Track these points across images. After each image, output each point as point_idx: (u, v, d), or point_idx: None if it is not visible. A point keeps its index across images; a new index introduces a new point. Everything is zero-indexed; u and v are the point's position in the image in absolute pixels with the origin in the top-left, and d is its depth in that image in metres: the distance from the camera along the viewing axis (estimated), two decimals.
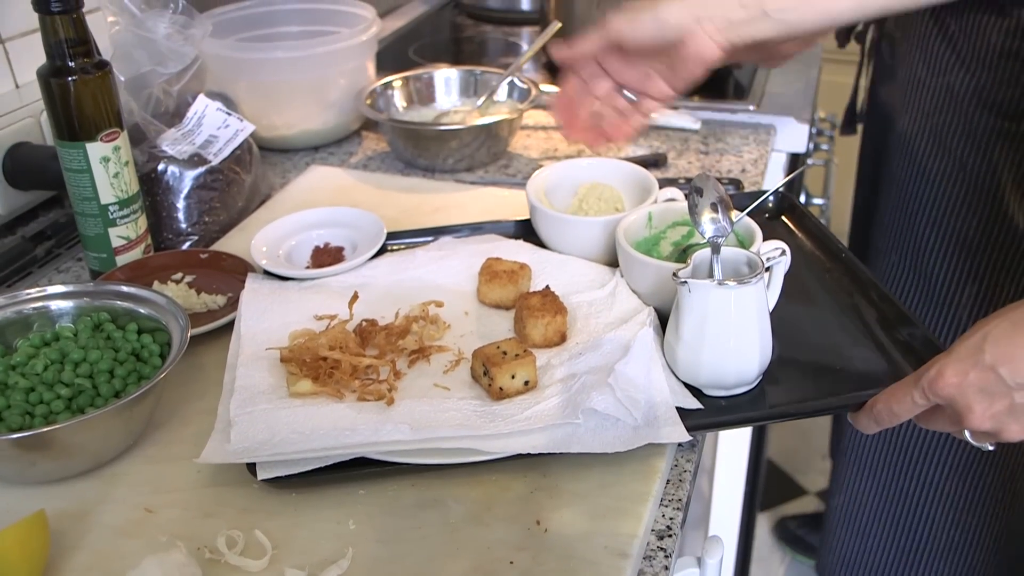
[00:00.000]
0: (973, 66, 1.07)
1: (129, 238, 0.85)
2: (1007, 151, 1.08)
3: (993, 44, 1.05)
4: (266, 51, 1.10)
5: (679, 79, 0.85)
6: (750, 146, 1.16)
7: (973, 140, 1.10)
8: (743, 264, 0.70)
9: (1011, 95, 1.05)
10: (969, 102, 1.09)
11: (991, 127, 1.08)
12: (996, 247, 1.13)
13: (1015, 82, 1.05)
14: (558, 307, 0.73)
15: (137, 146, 0.91)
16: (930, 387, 0.60)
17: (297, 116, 1.13)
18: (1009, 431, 0.59)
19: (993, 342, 0.58)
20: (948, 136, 1.12)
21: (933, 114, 1.13)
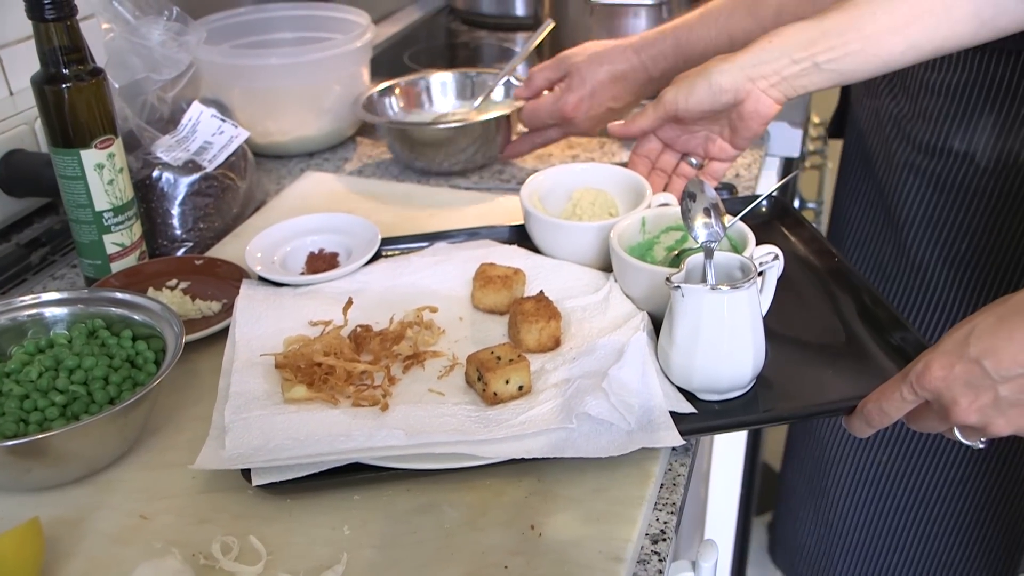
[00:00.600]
0: (898, 94, 1.08)
1: (124, 245, 0.85)
2: (919, 185, 1.08)
3: (915, 74, 1.05)
4: (260, 58, 1.10)
5: (740, 138, 0.86)
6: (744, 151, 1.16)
7: (890, 167, 1.10)
8: (736, 269, 0.70)
9: (925, 129, 1.05)
10: (890, 130, 1.09)
11: (906, 158, 1.08)
12: (905, 281, 1.13)
13: (930, 117, 1.05)
14: (552, 312, 0.74)
15: (132, 153, 0.91)
16: (917, 381, 0.60)
17: (292, 122, 1.13)
18: (995, 425, 0.60)
19: (978, 336, 0.58)
20: (873, 159, 1.13)
21: (866, 134, 1.14)
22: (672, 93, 0.84)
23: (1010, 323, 0.58)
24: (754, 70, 0.80)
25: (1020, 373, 0.57)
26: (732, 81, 0.80)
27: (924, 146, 1.07)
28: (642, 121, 0.88)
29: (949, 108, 1.05)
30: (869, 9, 0.76)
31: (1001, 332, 0.58)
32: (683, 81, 0.84)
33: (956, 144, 1.05)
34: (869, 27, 0.76)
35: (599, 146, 1.18)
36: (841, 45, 0.76)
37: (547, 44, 1.37)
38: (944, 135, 1.06)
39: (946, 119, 1.05)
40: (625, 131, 0.90)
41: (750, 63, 0.80)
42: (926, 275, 1.12)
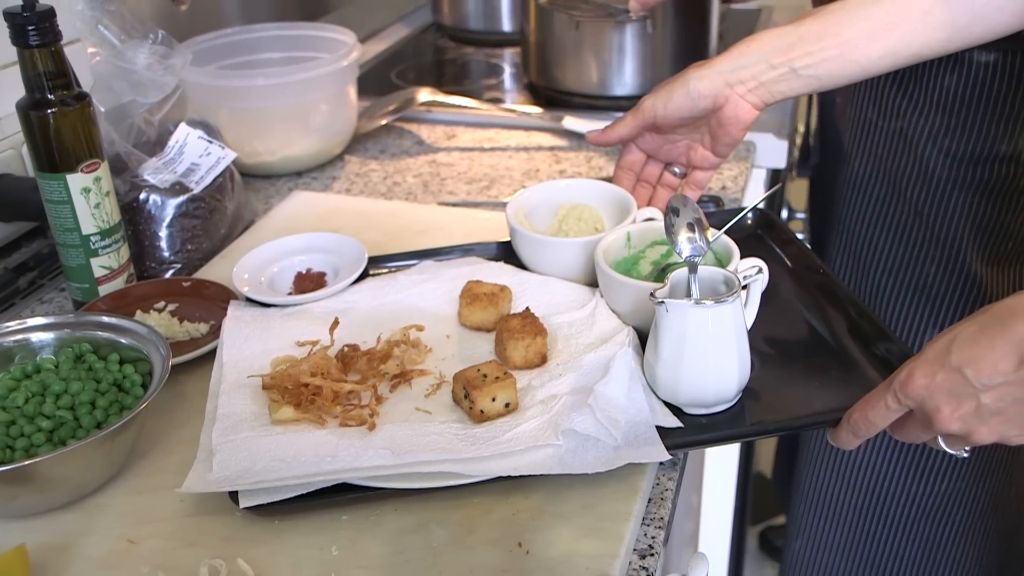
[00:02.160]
0: (927, 111, 1.08)
1: (111, 268, 0.85)
2: (964, 198, 1.08)
3: (947, 88, 1.06)
4: (247, 78, 1.10)
5: (721, 145, 0.86)
6: (730, 163, 1.17)
7: (929, 186, 1.10)
8: (720, 283, 0.71)
9: (967, 141, 1.06)
10: (924, 147, 1.09)
11: (948, 173, 1.09)
12: (956, 295, 1.13)
13: (971, 128, 1.06)
14: (538, 329, 0.74)
15: (118, 176, 0.91)
16: (901, 389, 0.61)
17: (279, 142, 1.14)
18: (978, 433, 0.60)
19: (959, 345, 0.59)
20: (903, 181, 1.13)
21: (887, 158, 1.14)
22: (650, 100, 0.85)
23: (991, 331, 0.58)
24: (732, 75, 0.80)
25: (1001, 381, 0.58)
26: (710, 87, 0.81)
27: (968, 157, 1.08)
28: (620, 129, 0.88)
29: (992, 115, 1.06)
30: (847, 16, 0.77)
31: (982, 340, 0.58)
32: (661, 88, 0.84)
33: (1003, 149, 1.06)
34: (847, 33, 0.76)
35: (586, 160, 1.19)
36: (819, 51, 0.77)
37: (533, 61, 1.38)
38: (990, 143, 1.07)
39: (990, 126, 1.06)
40: (604, 139, 0.90)
41: (728, 68, 0.80)
42: (977, 285, 1.13)
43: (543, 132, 1.26)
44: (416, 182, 1.15)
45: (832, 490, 1.29)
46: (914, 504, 1.22)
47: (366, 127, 1.25)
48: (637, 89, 1.30)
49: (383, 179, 1.16)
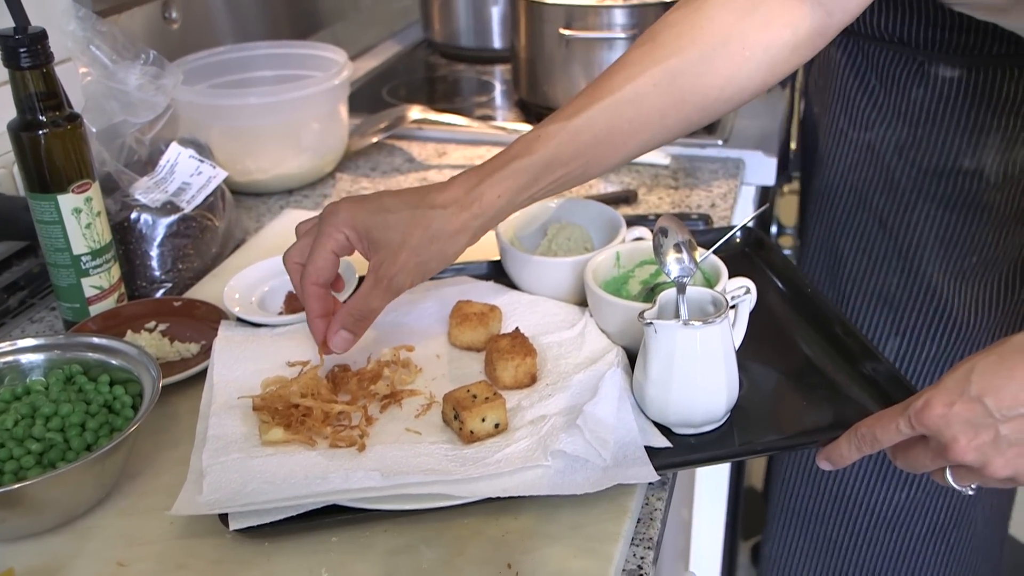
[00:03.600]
0: (895, 122, 1.10)
1: (102, 287, 0.86)
2: (928, 210, 1.10)
3: (914, 101, 1.07)
4: (238, 97, 1.11)
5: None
6: (720, 180, 1.18)
7: (894, 197, 1.12)
8: (708, 303, 0.71)
9: (932, 153, 1.07)
10: (891, 158, 1.11)
11: (912, 185, 1.10)
12: (917, 306, 1.15)
13: (936, 141, 1.07)
14: (528, 349, 0.74)
15: (110, 195, 0.91)
16: (916, 416, 0.60)
17: (271, 160, 1.14)
18: (993, 464, 0.59)
19: (979, 374, 0.59)
20: (869, 191, 1.14)
21: (855, 168, 1.15)
22: (393, 286, 0.73)
23: (1011, 361, 0.58)
24: (483, 228, 0.74)
25: (1021, 413, 0.57)
26: (466, 241, 0.74)
27: (932, 170, 1.09)
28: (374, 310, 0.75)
29: (957, 129, 1.07)
30: (591, 133, 0.74)
31: (1002, 371, 0.58)
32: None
33: (966, 163, 1.08)
34: (592, 152, 0.75)
35: None
36: (564, 174, 0.75)
37: (524, 77, 1.39)
38: (953, 156, 1.08)
39: (955, 140, 1.08)
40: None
41: (479, 224, 0.74)
42: (937, 296, 1.14)
43: None
44: None
45: (800, 497, 1.30)
46: (876, 513, 1.23)
47: (357, 145, 1.26)
48: None
49: None
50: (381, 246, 0.72)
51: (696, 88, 0.75)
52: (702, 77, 0.75)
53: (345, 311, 0.74)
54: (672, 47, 0.75)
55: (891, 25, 1.08)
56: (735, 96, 0.76)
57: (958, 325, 1.15)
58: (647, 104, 0.75)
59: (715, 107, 0.77)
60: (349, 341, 0.74)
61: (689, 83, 0.75)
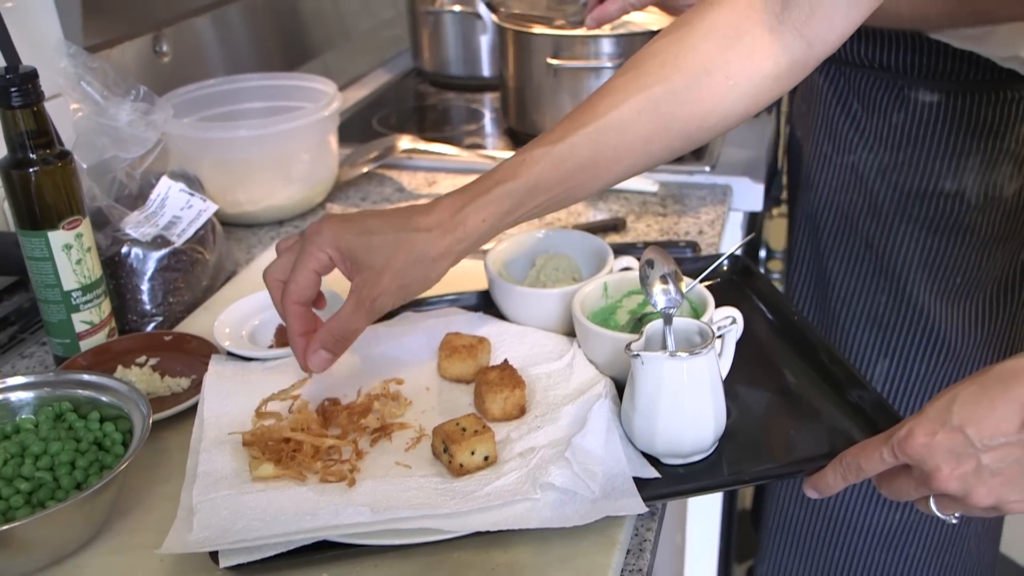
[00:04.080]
0: (876, 146, 1.11)
1: (92, 323, 0.86)
2: (912, 231, 1.11)
3: (895, 125, 1.09)
4: (228, 130, 1.12)
5: None
6: (707, 207, 1.19)
7: (879, 219, 1.13)
8: (695, 334, 0.72)
9: (914, 176, 1.09)
10: (874, 181, 1.12)
11: (896, 207, 1.12)
12: (905, 326, 1.16)
13: (917, 164, 1.09)
14: (516, 381, 0.75)
15: (100, 230, 0.92)
16: (899, 446, 0.61)
17: (261, 192, 1.15)
18: (976, 494, 0.60)
19: (960, 404, 0.59)
20: (855, 214, 1.16)
21: (839, 191, 1.17)
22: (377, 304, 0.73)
23: (992, 391, 0.59)
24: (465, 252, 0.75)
25: (1003, 442, 0.58)
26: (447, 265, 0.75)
27: (914, 192, 1.11)
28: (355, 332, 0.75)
29: (937, 152, 1.09)
30: (575, 158, 0.75)
31: (983, 401, 0.59)
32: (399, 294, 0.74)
33: (947, 185, 1.09)
34: (577, 176, 0.75)
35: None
36: (548, 199, 0.76)
37: (512, 106, 1.40)
38: (935, 179, 1.10)
39: (935, 163, 1.09)
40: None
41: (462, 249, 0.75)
42: (925, 317, 1.15)
43: None
44: None
45: (794, 519, 1.31)
46: (872, 533, 1.23)
47: (348, 175, 1.26)
48: None
49: None
50: (364, 268, 0.73)
51: (679, 116, 0.76)
52: (685, 105, 0.75)
53: (325, 331, 0.74)
54: (656, 75, 0.75)
55: (871, 52, 1.10)
56: (718, 124, 0.77)
57: (946, 345, 1.17)
58: (631, 131, 0.75)
59: (699, 135, 0.78)
60: (328, 361, 0.74)
61: (672, 111, 0.75)
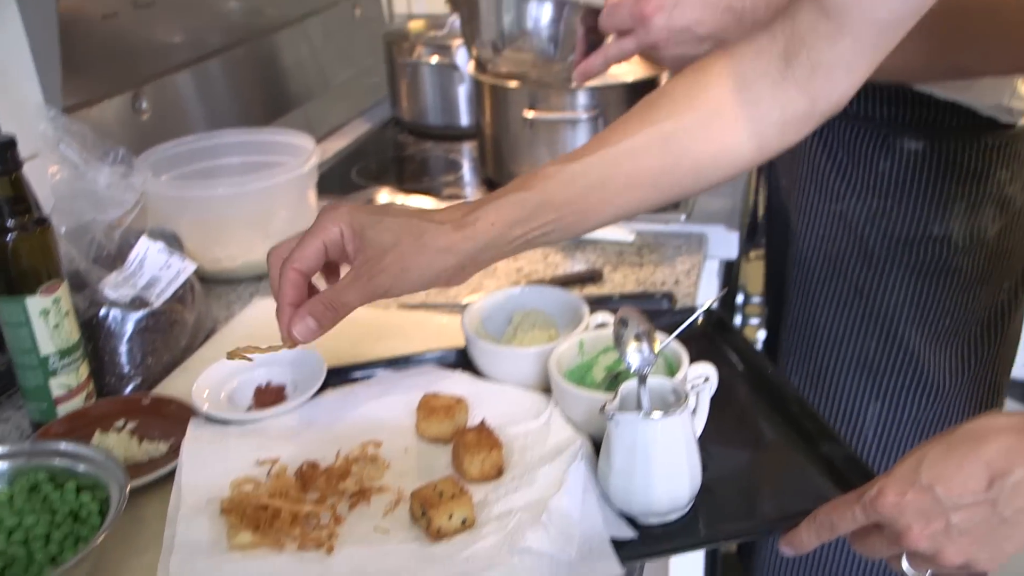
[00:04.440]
0: (864, 193, 1.14)
1: (70, 387, 0.86)
2: (902, 276, 1.13)
3: (882, 172, 1.11)
4: (207, 188, 1.13)
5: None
6: (683, 256, 1.21)
7: (869, 265, 1.15)
8: (669, 393, 0.73)
9: (903, 223, 1.11)
10: (864, 228, 1.15)
11: (886, 253, 1.14)
12: (896, 371, 1.17)
13: (905, 210, 1.11)
14: (493, 442, 0.75)
15: (78, 292, 0.92)
16: (871, 505, 0.62)
17: (240, 249, 1.16)
18: (946, 552, 0.61)
19: (929, 463, 0.61)
20: (845, 260, 1.18)
21: (828, 239, 1.19)
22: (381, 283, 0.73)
23: (959, 451, 0.60)
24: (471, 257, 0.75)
25: (971, 501, 0.59)
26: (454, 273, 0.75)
27: (904, 238, 1.13)
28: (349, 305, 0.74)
29: (924, 198, 1.11)
30: (586, 181, 0.76)
31: (951, 460, 0.60)
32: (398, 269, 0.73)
33: (935, 230, 1.11)
34: (585, 200, 0.76)
35: (542, 257, 1.21)
36: (556, 219, 0.76)
37: (490, 157, 1.42)
38: (923, 224, 1.12)
39: (922, 209, 1.11)
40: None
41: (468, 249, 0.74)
42: (914, 360, 1.17)
43: None
44: None
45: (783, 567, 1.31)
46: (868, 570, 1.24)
47: None
48: None
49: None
50: (370, 245, 0.73)
51: (689, 152, 0.77)
52: (696, 142, 0.77)
53: (317, 299, 0.73)
54: (668, 110, 0.77)
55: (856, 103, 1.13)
56: (727, 166, 0.78)
57: (935, 387, 1.18)
58: (642, 161, 0.76)
59: (707, 174, 0.78)
60: (313, 332, 0.73)
61: (683, 146, 0.76)
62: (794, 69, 0.74)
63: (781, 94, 0.76)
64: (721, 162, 0.77)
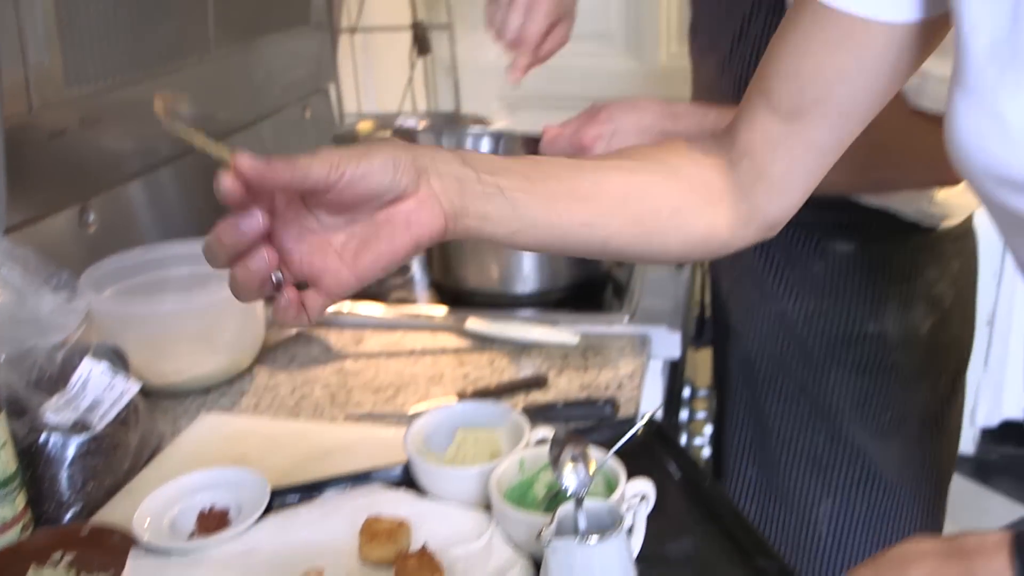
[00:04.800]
0: (801, 294, 1.18)
1: (5, 519, 0.85)
2: (841, 374, 1.17)
3: (816, 274, 1.16)
4: (152, 305, 1.13)
5: (368, 259, 0.62)
6: (627, 358, 1.23)
7: (810, 364, 1.19)
8: (606, 514, 0.74)
9: (839, 321, 1.16)
10: (802, 328, 1.19)
11: (825, 351, 1.18)
12: (845, 466, 1.21)
13: (841, 310, 1.16)
14: (435, 567, 0.76)
15: (18, 419, 0.91)
16: None
17: (186, 363, 1.16)
18: None
19: None
20: (787, 359, 1.21)
21: (770, 338, 1.23)
22: (341, 156, 0.60)
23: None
24: (433, 166, 0.64)
25: None
26: (411, 165, 0.63)
27: (841, 337, 1.17)
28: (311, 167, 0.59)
29: (858, 298, 1.16)
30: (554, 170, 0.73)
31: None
32: (356, 149, 0.62)
33: (870, 328, 1.16)
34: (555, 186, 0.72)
35: (488, 363, 1.23)
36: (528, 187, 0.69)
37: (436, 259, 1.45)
38: (858, 323, 1.16)
39: (857, 308, 1.16)
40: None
41: (429, 161, 0.64)
42: (861, 456, 1.19)
43: (448, 332, 1.31)
44: (323, 394, 1.17)
45: None
46: None
47: (275, 337, 1.28)
48: (537, 286, 1.37)
49: (291, 392, 1.18)
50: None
51: (648, 195, 0.76)
52: (656, 186, 0.77)
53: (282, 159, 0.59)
54: (635, 157, 0.79)
55: None
56: (679, 229, 0.76)
57: (883, 482, 1.21)
58: (607, 183, 0.75)
59: (662, 232, 0.76)
60: (257, 168, 0.58)
61: (643, 188, 0.76)
62: (739, 175, 0.78)
63: (730, 204, 0.78)
64: (675, 221, 0.77)
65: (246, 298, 0.65)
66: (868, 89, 0.72)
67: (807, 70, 0.72)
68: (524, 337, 1.25)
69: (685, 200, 0.78)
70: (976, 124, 0.59)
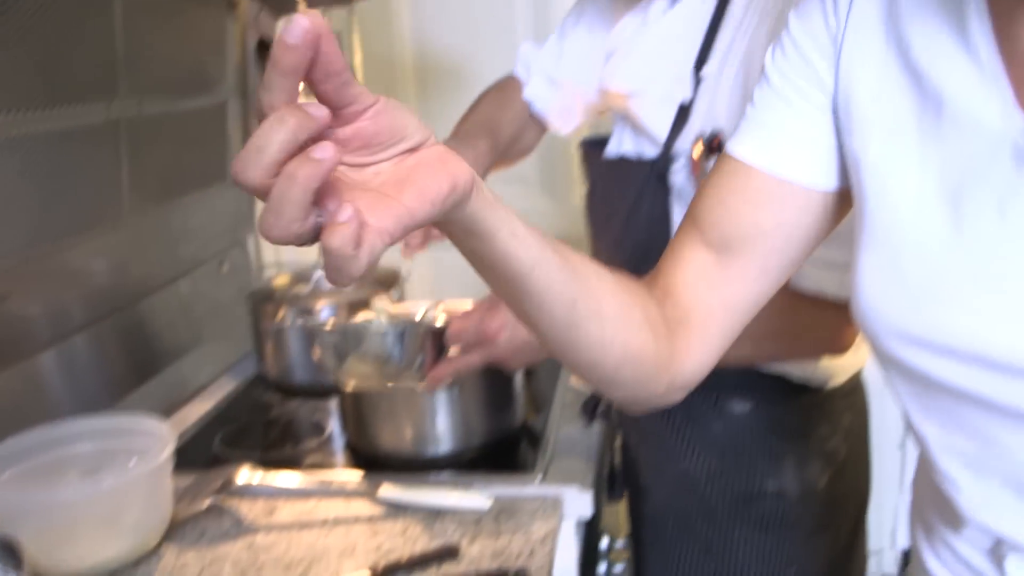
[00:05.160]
0: (703, 453, 1.22)
1: None
2: (745, 532, 1.21)
3: (716, 433, 1.21)
4: (51, 491, 1.11)
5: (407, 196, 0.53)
6: (539, 521, 1.23)
7: (713, 522, 1.22)
8: None
9: (739, 479, 1.20)
10: (705, 486, 1.22)
11: (728, 509, 1.21)
12: None
13: (740, 467, 1.20)
14: None
15: None
16: None
17: (88, 549, 1.13)
18: None
19: None
20: (691, 518, 1.24)
21: (675, 496, 1.26)
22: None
23: None
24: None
25: None
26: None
27: (742, 495, 1.19)
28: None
29: (756, 456, 1.19)
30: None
31: None
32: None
33: (769, 485, 1.19)
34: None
35: (402, 531, 1.22)
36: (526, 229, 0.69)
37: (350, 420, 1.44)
38: (758, 480, 1.19)
39: (756, 465, 1.19)
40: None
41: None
42: None
43: (362, 498, 1.30)
44: (233, 572, 1.15)
45: None
46: None
47: (184, 513, 1.25)
48: (451, 447, 1.38)
49: (199, 572, 1.15)
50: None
51: (620, 287, 0.77)
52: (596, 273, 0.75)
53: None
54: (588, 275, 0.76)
55: None
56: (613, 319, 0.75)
57: None
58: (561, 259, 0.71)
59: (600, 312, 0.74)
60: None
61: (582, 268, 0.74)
62: (666, 311, 0.80)
63: (656, 340, 0.78)
64: (611, 310, 0.75)
65: (283, 229, 0.51)
66: (787, 246, 0.76)
67: (731, 217, 0.77)
68: (437, 504, 1.25)
69: (633, 308, 0.76)
70: (880, 283, 0.64)
